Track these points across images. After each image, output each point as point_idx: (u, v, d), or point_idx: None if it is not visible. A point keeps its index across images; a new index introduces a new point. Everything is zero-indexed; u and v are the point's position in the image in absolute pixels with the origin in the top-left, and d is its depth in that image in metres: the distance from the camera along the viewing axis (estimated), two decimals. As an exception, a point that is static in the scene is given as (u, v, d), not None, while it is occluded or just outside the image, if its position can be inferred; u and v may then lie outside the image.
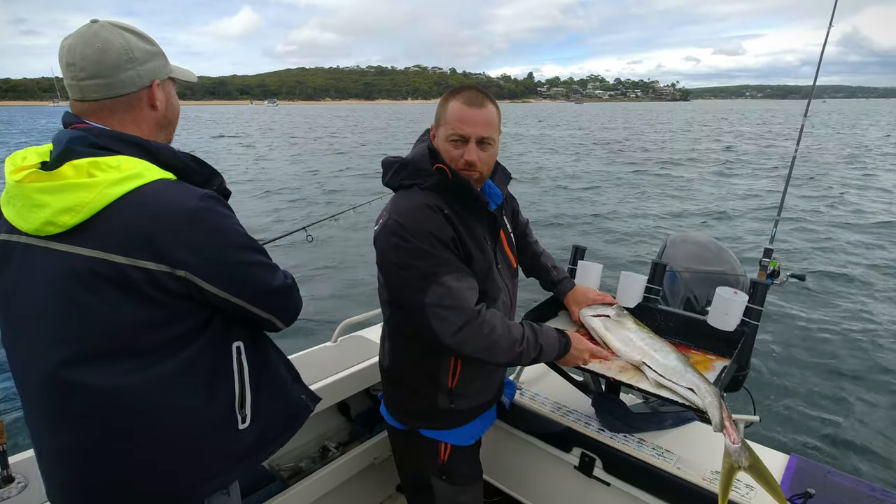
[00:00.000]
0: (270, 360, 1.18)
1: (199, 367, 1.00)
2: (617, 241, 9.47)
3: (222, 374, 1.04)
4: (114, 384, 0.93)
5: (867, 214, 11.53)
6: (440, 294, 1.24)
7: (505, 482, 2.06)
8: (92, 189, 0.89)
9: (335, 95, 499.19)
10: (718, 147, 27.70)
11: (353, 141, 33.31)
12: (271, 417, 1.15)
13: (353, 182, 15.89)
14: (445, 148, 1.34)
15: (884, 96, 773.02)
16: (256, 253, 1.06)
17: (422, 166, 1.34)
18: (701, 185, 15.33)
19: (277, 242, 2.39)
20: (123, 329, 0.93)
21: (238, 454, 1.08)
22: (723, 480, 1.27)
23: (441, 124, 1.35)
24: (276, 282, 1.09)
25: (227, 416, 1.05)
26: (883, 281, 7.13)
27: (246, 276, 1.02)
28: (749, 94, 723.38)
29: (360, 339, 2.28)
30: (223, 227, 0.99)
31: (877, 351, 5.06)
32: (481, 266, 1.38)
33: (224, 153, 24.62)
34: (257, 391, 1.10)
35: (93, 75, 0.99)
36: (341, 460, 2.00)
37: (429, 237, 1.27)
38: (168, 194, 0.95)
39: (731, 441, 1.26)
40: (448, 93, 1.36)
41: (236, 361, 1.06)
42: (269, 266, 1.08)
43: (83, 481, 0.97)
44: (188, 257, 0.93)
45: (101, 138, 0.95)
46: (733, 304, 1.63)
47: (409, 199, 1.33)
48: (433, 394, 1.45)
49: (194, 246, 0.94)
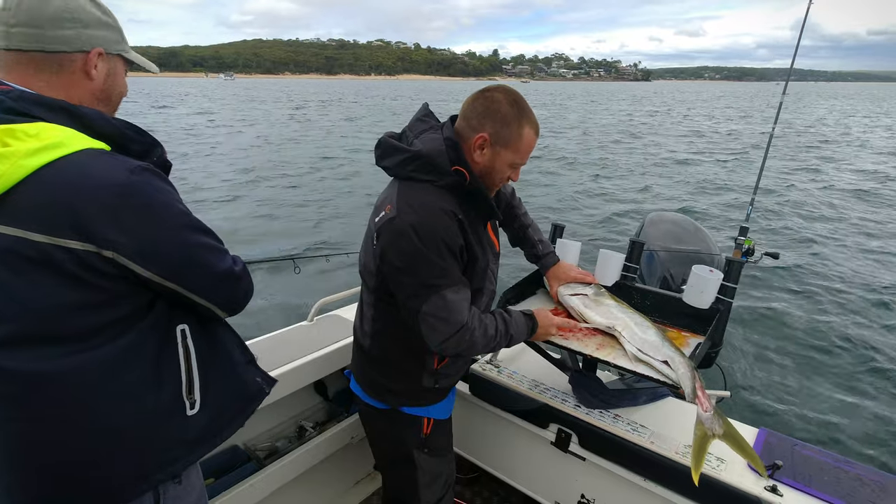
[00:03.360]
0: (221, 342, 1.11)
1: (142, 353, 0.94)
2: (596, 221, 9.57)
3: (167, 360, 0.98)
4: (40, 369, 0.86)
5: (834, 191, 11.91)
6: (438, 306, 1.24)
7: (483, 458, 2.08)
8: (5, 160, 0.82)
9: (295, 69, 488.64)
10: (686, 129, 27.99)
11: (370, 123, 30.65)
12: (223, 402, 1.09)
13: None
14: (502, 169, 1.33)
15: (832, 79, 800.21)
16: (199, 233, 0.97)
17: (438, 162, 1.27)
18: (681, 167, 15.55)
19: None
20: (50, 312, 0.86)
21: (188, 441, 1.03)
22: (695, 449, 1.29)
23: (509, 148, 1.30)
24: (222, 266, 1.01)
25: (174, 402, 0.99)
26: (854, 259, 7.37)
27: (184, 259, 0.95)
28: (708, 76, 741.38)
29: (337, 319, 2.25)
30: (158, 203, 0.91)
31: (845, 327, 5.25)
32: (481, 266, 1.38)
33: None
34: (206, 376, 1.04)
35: (25, 22, 0.89)
36: (318, 440, 1.99)
37: (440, 246, 1.24)
38: (94, 166, 0.86)
39: (704, 409, 1.29)
40: (516, 111, 1.28)
41: (181, 345, 1.00)
42: (213, 248, 1.00)
43: (13, 475, 0.91)
44: (116, 237, 0.86)
45: (19, 102, 0.86)
46: (708, 283, 1.64)
47: (422, 198, 1.27)
48: (418, 374, 1.45)
49: (123, 224, 0.86)
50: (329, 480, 2.19)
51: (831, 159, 16.99)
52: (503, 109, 1.28)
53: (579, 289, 1.71)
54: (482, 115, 1.29)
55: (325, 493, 2.20)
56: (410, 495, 1.54)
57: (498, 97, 1.29)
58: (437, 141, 1.30)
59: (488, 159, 1.31)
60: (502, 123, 1.28)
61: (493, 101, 1.29)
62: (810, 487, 1.38)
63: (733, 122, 33.87)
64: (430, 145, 1.30)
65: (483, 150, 1.30)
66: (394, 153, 1.33)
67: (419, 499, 1.54)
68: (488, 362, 2.00)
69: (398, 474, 1.59)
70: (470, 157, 1.31)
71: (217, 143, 19.13)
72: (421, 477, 1.52)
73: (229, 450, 1.88)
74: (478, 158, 1.31)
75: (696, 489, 1.44)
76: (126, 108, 11.32)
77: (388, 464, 1.62)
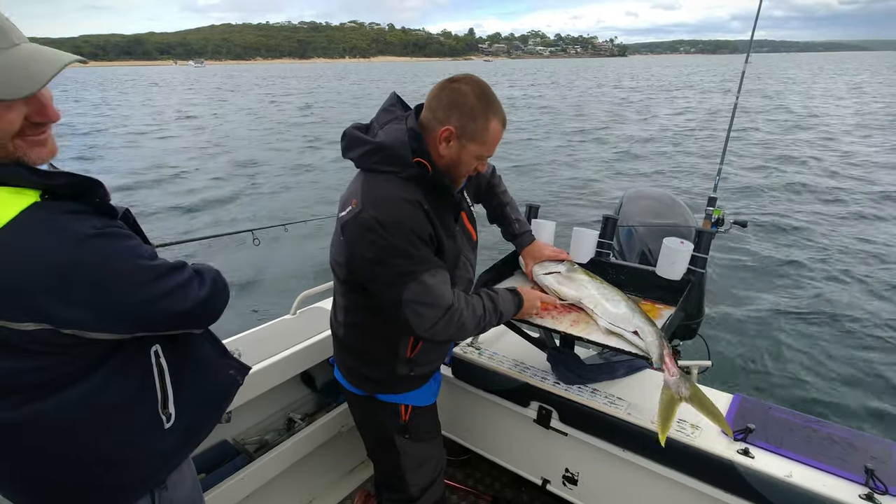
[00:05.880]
0: (192, 346, 1.09)
1: (112, 386, 0.91)
2: (572, 199, 9.64)
3: (142, 384, 0.96)
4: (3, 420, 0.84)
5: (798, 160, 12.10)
6: (418, 292, 1.24)
7: (472, 440, 2.11)
8: None
9: (266, 54, 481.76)
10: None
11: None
12: (197, 405, 1.08)
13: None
14: (468, 161, 1.32)
15: (804, 50, 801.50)
16: (161, 280, 0.89)
17: (400, 154, 1.26)
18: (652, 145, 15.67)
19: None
20: (2, 377, 0.82)
21: (167, 452, 1.03)
22: (662, 412, 1.31)
23: (475, 141, 1.29)
24: (187, 303, 0.94)
25: (152, 421, 0.98)
26: (824, 225, 7.52)
27: (150, 314, 0.89)
28: (683, 50, 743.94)
29: (320, 310, 2.26)
30: (115, 270, 0.83)
31: (817, 290, 5.40)
32: (452, 255, 1.39)
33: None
34: (180, 386, 1.02)
35: None
36: (307, 430, 2.01)
37: (408, 235, 1.23)
38: (31, 243, 0.76)
39: (669, 374, 1.32)
40: (483, 104, 1.26)
41: (156, 366, 0.97)
42: (178, 288, 0.92)
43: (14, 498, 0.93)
44: (75, 315, 0.80)
45: None
46: (679, 254, 1.67)
47: (386, 191, 1.26)
48: (391, 363, 1.46)
49: (79, 301, 0.79)
50: (322, 470, 2.23)
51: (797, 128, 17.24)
52: (470, 102, 1.25)
53: (552, 267, 1.73)
54: (448, 108, 1.26)
55: (318, 483, 2.23)
56: (398, 479, 1.57)
57: (465, 89, 1.26)
58: (400, 132, 1.29)
59: (454, 152, 1.30)
60: (469, 117, 1.26)
61: (460, 93, 1.26)
62: (782, 448, 1.41)
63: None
64: (392, 136, 1.29)
65: (449, 142, 1.28)
66: (358, 145, 1.32)
67: (407, 482, 1.56)
68: (469, 345, 2.02)
69: (383, 459, 1.61)
70: (434, 150, 1.30)
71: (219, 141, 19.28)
72: (405, 461, 1.55)
73: (218, 445, 1.91)
74: (443, 151, 1.30)
75: (672, 456, 1.48)
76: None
77: (374, 449, 1.65)
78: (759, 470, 1.35)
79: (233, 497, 1.76)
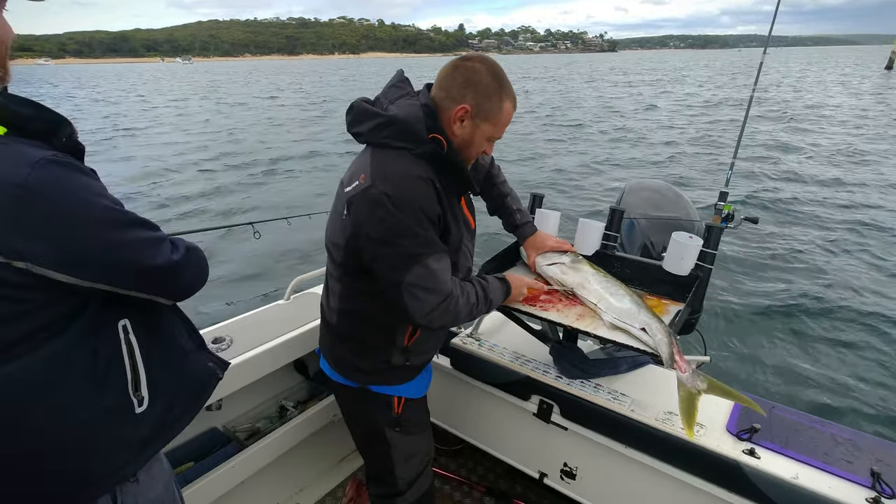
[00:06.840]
0: (167, 330, 1.03)
1: (75, 359, 0.85)
2: (574, 191, 9.58)
3: (108, 361, 0.90)
4: None
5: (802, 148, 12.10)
6: (421, 275, 1.20)
7: (466, 431, 2.08)
8: None
9: (255, 51, 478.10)
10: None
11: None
12: (174, 393, 1.03)
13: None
14: (480, 142, 1.30)
15: (793, 45, 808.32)
16: (128, 228, 0.85)
17: (416, 129, 1.22)
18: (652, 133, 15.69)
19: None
20: None
21: (140, 440, 0.96)
22: (684, 408, 1.29)
23: (489, 121, 1.27)
24: (158, 260, 0.89)
25: (122, 402, 0.92)
26: (835, 223, 7.49)
27: (112, 259, 0.84)
28: (673, 45, 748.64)
29: (314, 296, 2.20)
30: (72, 201, 0.78)
31: (823, 290, 5.34)
32: (455, 240, 1.35)
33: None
34: (153, 369, 0.97)
35: None
36: (300, 419, 1.97)
37: (418, 214, 1.19)
38: None
39: (682, 371, 1.29)
40: (497, 83, 1.24)
41: (124, 342, 0.92)
42: (146, 242, 0.88)
43: None
44: (26, 245, 0.74)
45: None
46: (688, 249, 1.63)
47: (397, 167, 1.21)
48: (388, 352, 1.42)
49: (31, 231, 0.75)
50: (313, 459, 2.19)
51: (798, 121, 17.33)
52: (485, 81, 1.23)
53: (556, 258, 1.68)
54: (463, 86, 1.23)
55: (308, 472, 2.20)
56: (388, 472, 1.53)
57: (479, 67, 1.23)
58: (413, 107, 1.25)
59: (468, 132, 1.27)
60: (484, 96, 1.23)
61: (475, 71, 1.23)
62: (787, 448, 1.40)
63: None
64: (406, 111, 1.24)
65: (463, 122, 1.26)
66: (367, 118, 1.26)
67: (395, 475, 1.53)
68: (469, 335, 1.98)
69: (373, 452, 1.57)
70: (448, 128, 1.26)
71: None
72: (395, 454, 1.51)
73: (208, 432, 1.86)
74: (457, 131, 1.27)
75: (676, 454, 1.46)
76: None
77: (363, 442, 1.60)
78: (766, 471, 1.33)
79: (223, 485, 1.71)
